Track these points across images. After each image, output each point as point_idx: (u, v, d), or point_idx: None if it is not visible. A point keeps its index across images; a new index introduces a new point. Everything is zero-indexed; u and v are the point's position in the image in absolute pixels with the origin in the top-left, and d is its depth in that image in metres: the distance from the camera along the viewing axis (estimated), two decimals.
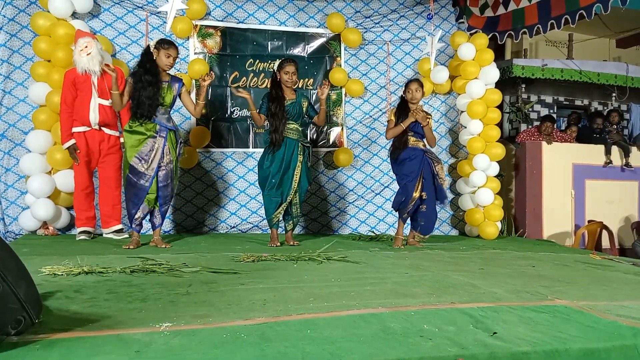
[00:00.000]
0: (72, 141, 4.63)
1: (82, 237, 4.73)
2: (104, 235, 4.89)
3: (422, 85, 4.87)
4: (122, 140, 4.74)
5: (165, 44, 4.24)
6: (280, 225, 4.85)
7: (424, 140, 4.88)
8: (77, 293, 2.39)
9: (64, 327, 1.85)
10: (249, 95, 4.62)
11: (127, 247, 4.14)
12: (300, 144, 4.70)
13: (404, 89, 4.91)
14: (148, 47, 4.28)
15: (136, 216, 4.25)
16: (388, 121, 5.00)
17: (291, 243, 4.72)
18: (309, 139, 5.89)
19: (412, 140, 4.82)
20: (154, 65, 4.20)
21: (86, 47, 4.58)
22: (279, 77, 4.63)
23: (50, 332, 1.78)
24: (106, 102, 4.69)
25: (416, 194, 4.79)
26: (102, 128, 4.72)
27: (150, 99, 4.12)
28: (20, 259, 1.82)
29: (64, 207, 5.06)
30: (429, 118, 4.85)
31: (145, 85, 4.11)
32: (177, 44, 4.37)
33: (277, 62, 4.68)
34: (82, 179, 4.73)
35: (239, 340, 1.77)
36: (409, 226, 5.12)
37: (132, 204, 4.24)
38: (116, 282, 2.69)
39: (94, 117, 4.65)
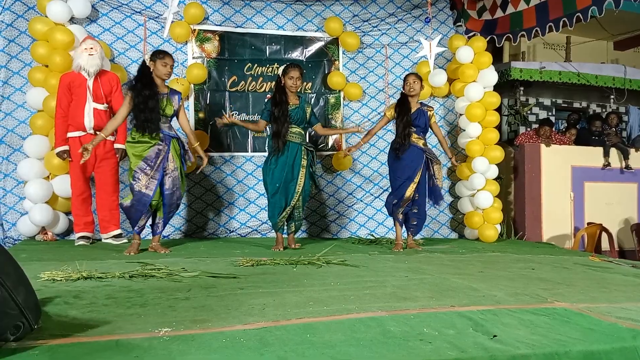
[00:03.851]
0: (65, 147, 4.63)
1: (81, 242, 4.72)
2: (103, 240, 4.88)
3: (420, 78, 4.88)
4: (117, 146, 4.76)
5: (160, 53, 4.23)
6: (283, 228, 4.84)
7: (425, 138, 4.89)
8: (76, 298, 2.39)
9: (63, 332, 1.84)
10: (236, 120, 4.69)
11: (128, 252, 4.12)
12: (304, 148, 4.69)
13: (403, 83, 4.92)
14: (144, 61, 4.27)
15: (140, 222, 4.23)
16: (383, 116, 4.99)
17: (293, 246, 4.71)
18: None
19: (413, 137, 4.82)
20: (151, 79, 4.16)
21: (92, 48, 4.64)
22: (283, 82, 4.62)
23: (49, 337, 1.78)
24: (101, 107, 4.70)
25: (409, 195, 4.79)
26: (97, 133, 4.71)
27: (152, 112, 4.10)
28: (19, 265, 1.82)
29: (62, 212, 5.05)
30: (431, 110, 4.89)
31: (146, 99, 4.07)
32: (171, 53, 4.32)
33: (282, 67, 4.70)
34: (78, 184, 4.73)
35: (238, 345, 1.77)
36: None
37: (135, 211, 4.19)
38: (115, 287, 2.69)
39: (88, 121, 4.65)
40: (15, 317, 1.70)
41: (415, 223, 4.99)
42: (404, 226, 5.05)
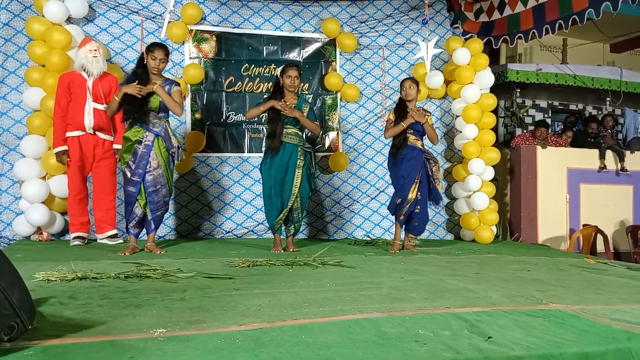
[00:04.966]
0: (64, 147, 4.62)
1: (76, 242, 4.71)
2: (98, 240, 4.87)
3: (416, 83, 4.90)
4: (115, 147, 4.77)
5: (150, 47, 4.24)
6: (281, 230, 4.80)
7: (423, 139, 4.90)
8: (71, 299, 2.38)
9: (58, 333, 1.84)
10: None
11: (123, 253, 4.10)
12: (300, 149, 4.65)
13: (400, 87, 4.93)
14: (142, 54, 4.29)
15: (131, 221, 4.25)
16: (387, 120, 5.01)
17: (291, 249, 4.65)
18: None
19: (411, 138, 4.83)
20: (146, 71, 4.20)
21: (96, 50, 4.68)
22: (281, 82, 4.62)
23: (44, 338, 1.77)
24: (101, 107, 4.70)
25: (412, 196, 4.80)
26: (97, 132, 4.72)
27: (140, 104, 4.12)
28: (13, 265, 1.81)
29: (59, 213, 5.04)
30: (428, 115, 4.87)
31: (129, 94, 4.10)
32: (165, 45, 4.33)
33: (280, 68, 4.67)
34: (75, 184, 4.72)
35: (234, 346, 1.76)
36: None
37: (125, 210, 4.28)
38: (110, 287, 2.68)
39: (88, 121, 4.65)
40: (9, 318, 1.69)
41: (417, 224, 4.98)
42: (405, 227, 5.04)
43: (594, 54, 9.46)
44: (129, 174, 4.17)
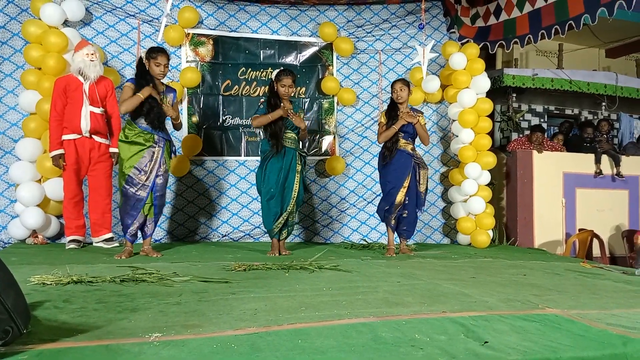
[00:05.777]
0: (60, 151, 4.62)
1: (72, 245, 4.69)
2: (94, 244, 4.85)
3: (407, 84, 4.87)
4: (111, 150, 4.75)
5: (153, 53, 4.16)
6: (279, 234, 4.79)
7: (414, 143, 4.89)
8: (66, 303, 2.37)
9: (53, 337, 1.83)
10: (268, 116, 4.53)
11: (119, 257, 4.08)
12: (298, 153, 4.66)
13: (391, 89, 4.92)
14: (141, 58, 4.22)
15: (131, 227, 4.21)
16: (379, 124, 5.00)
17: (284, 252, 4.65)
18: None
19: (401, 142, 4.83)
20: (151, 77, 4.16)
21: (93, 54, 4.68)
22: (276, 87, 4.61)
23: (39, 342, 1.76)
24: (97, 110, 4.69)
25: (400, 199, 4.80)
26: (93, 136, 4.71)
27: (159, 110, 4.13)
28: (8, 268, 1.80)
29: (54, 216, 5.02)
30: (420, 115, 4.87)
31: (152, 97, 4.09)
32: (166, 50, 4.32)
33: (275, 72, 4.63)
34: (71, 187, 4.71)
35: (230, 350, 1.76)
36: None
37: (128, 215, 4.18)
38: (106, 291, 2.67)
39: (85, 124, 4.64)
40: (4, 322, 1.68)
41: (405, 228, 4.99)
42: (395, 232, 5.05)
43: (590, 59, 9.51)
44: (142, 179, 4.11)
